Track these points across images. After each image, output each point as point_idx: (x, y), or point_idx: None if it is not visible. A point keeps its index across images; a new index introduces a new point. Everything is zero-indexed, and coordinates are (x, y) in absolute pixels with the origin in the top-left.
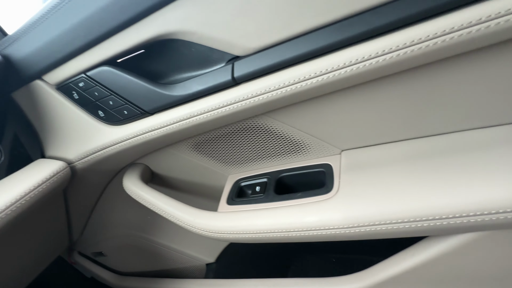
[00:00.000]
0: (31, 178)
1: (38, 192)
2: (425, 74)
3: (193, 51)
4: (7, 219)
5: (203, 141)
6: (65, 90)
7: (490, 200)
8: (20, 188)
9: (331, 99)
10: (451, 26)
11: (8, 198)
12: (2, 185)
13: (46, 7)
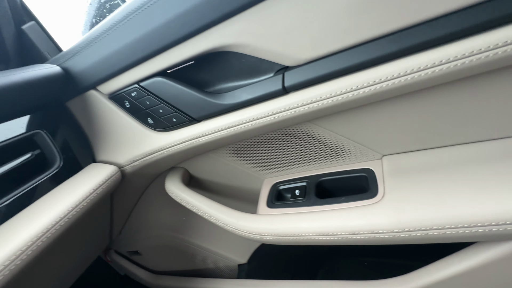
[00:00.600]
0: (90, 181)
1: (96, 195)
2: (471, 84)
3: (243, 62)
4: (71, 221)
5: (244, 146)
6: (118, 99)
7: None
8: (81, 191)
9: (376, 107)
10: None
11: (71, 201)
12: (63, 189)
13: (106, 24)
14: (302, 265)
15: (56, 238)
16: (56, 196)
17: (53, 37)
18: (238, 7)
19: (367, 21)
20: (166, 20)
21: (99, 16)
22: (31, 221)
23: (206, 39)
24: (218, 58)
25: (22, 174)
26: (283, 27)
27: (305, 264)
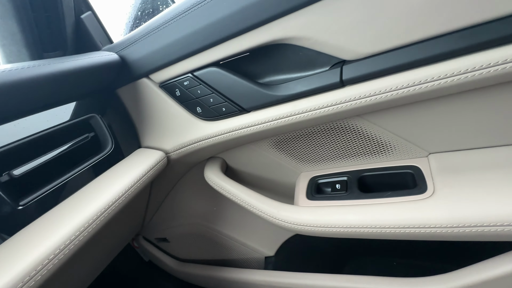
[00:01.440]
0: (140, 165)
1: (146, 178)
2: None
3: (300, 55)
4: (121, 206)
5: (285, 139)
6: (168, 88)
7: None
8: (133, 175)
9: (429, 104)
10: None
11: (124, 185)
12: (116, 172)
13: (167, 15)
14: (328, 261)
15: (104, 224)
16: (109, 179)
17: (105, 27)
18: (306, 1)
19: (435, 18)
20: (230, 12)
21: (144, 9)
22: (85, 204)
23: (267, 32)
24: (274, 50)
25: (79, 154)
26: (348, 22)
27: (332, 260)
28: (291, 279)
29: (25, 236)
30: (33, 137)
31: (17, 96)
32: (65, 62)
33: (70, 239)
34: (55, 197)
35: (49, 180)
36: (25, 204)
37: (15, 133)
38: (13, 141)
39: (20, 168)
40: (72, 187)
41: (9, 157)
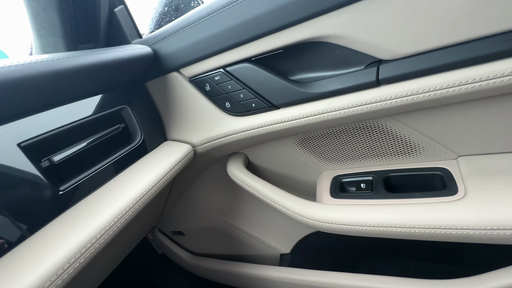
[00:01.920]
0: (169, 158)
1: (174, 171)
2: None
3: (336, 53)
4: (150, 198)
5: (310, 137)
6: (198, 83)
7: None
8: (163, 167)
9: (461, 106)
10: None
11: (153, 178)
12: (145, 164)
13: (203, 11)
14: (343, 261)
15: (136, 215)
16: (141, 170)
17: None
18: (345, 1)
19: (478, 19)
20: (270, 9)
21: (171, 5)
22: (120, 194)
23: (305, 30)
24: (308, 48)
25: (111, 144)
26: (390, 21)
27: (347, 260)
28: (308, 277)
29: (65, 222)
30: (71, 126)
31: (57, 85)
32: (104, 54)
33: (105, 229)
34: (91, 185)
35: (85, 168)
36: (65, 190)
37: (53, 122)
38: (52, 129)
39: (59, 154)
40: (106, 175)
41: (49, 144)
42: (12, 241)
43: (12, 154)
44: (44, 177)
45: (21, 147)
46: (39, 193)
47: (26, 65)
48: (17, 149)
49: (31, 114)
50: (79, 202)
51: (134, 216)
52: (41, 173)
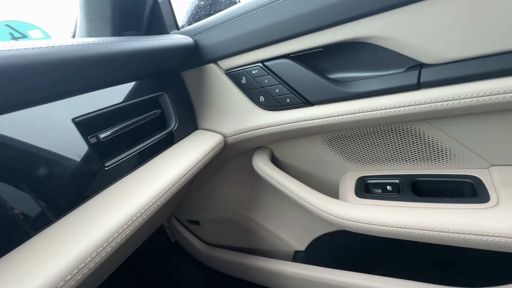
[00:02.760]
0: (201, 146)
1: (206, 160)
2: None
3: (377, 55)
4: (186, 180)
5: (339, 136)
6: (235, 75)
7: None
8: (195, 155)
9: (498, 115)
10: None
11: (185, 165)
12: (179, 150)
13: (247, 6)
14: (357, 263)
15: (168, 199)
16: (175, 156)
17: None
18: (397, 3)
19: None
20: (316, 7)
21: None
22: (156, 177)
23: (350, 30)
24: (349, 48)
25: (148, 128)
26: (438, 27)
27: (360, 262)
28: (323, 274)
29: (111, 196)
30: (115, 107)
31: (104, 68)
32: (150, 40)
33: (145, 208)
34: (131, 164)
35: (126, 148)
36: (109, 166)
37: (99, 102)
38: (99, 108)
39: (104, 132)
40: (143, 157)
41: (96, 122)
42: (61, 209)
43: (67, 128)
44: (92, 152)
45: (75, 122)
46: (88, 166)
47: (81, 45)
48: (71, 123)
49: (81, 93)
50: (121, 179)
51: (167, 200)
52: (89, 148)
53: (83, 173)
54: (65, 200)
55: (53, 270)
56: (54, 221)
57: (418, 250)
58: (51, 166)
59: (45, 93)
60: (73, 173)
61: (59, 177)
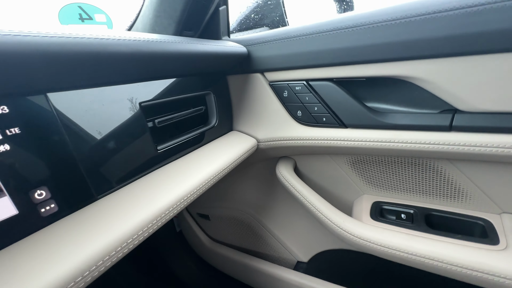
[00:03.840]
0: (239, 146)
1: (242, 159)
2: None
3: (415, 94)
4: (222, 176)
5: (363, 160)
6: (278, 88)
7: None
8: (231, 154)
9: None
10: None
11: (228, 158)
12: (217, 147)
13: (304, 29)
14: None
15: (201, 193)
16: (213, 152)
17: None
18: (444, 53)
19: None
20: (370, 43)
21: (258, 14)
22: (194, 171)
23: (395, 67)
24: (390, 83)
25: (193, 122)
26: (476, 80)
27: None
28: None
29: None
30: (171, 99)
31: (171, 63)
32: (214, 45)
33: (187, 195)
34: (177, 151)
35: (174, 136)
36: (161, 149)
37: (156, 92)
38: (159, 97)
39: (160, 119)
40: (188, 146)
41: (154, 109)
42: (116, 182)
43: (134, 109)
44: (149, 134)
45: (141, 106)
46: (144, 145)
47: (156, 42)
48: (138, 106)
49: (146, 81)
50: (169, 164)
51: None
52: (148, 130)
53: (141, 151)
54: (124, 171)
55: (121, 230)
56: (115, 188)
57: (419, 280)
58: (117, 139)
59: (122, 77)
60: (133, 149)
61: (121, 149)
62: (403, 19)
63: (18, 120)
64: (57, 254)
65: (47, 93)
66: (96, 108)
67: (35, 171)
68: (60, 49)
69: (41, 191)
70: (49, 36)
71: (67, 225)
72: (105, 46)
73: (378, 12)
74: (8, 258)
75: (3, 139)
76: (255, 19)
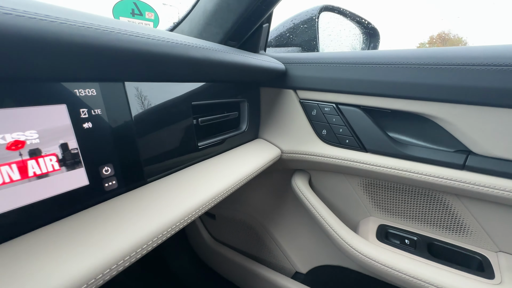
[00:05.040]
0: (265, 153)
1: (266, 166)
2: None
3: (435, 131)
4: (248, 180)
5: (376, 184)
6: (307, 105)
7: None
8: (261, 159)
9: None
10: None
11: (251, 167)
12: (249, 152)
13: (341, 58)
14: None
15: (230, 193)
16: (242, 156)
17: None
18: (467, 100)
19: None
20: (401, 81)
21: (291, 33)
22: (228, 172)
23: (421, 106)
24: (414, 118)
25: (226, 125)
26: (493, 128)
27: None
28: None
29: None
30: (212, 102)
31: (220, 70)
32: (258, 59)
33: (220, 194)
34: (212, 150)
35: (211, 135)
36: (201, 146)
37: (204, 93)
38: (202, 99)
39: (202, 118)
40: (221, 147)
41: (200, 108)
42: (162, 170)
43: (186, 107)
44: (193, 131)
45: (192, 105)
46: (189, 140)
47: (211, 50)
48: (190, 105)
49: (194, 82)
50: (206, 160)
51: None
52: (193, 127)
53: (185, 145)
54: (170, 161)
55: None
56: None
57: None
58: (169, 131)
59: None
60: (179, 142)
61: (170, 141)
62: (434, 65)
63: (101, 103)
64: (120, 227)
65: (124, 82)
66: (159, 101)
67: (105, 149)
68: (151, 49)
69: (108, 168)
70: (145, 37)
71: (125, 202)
72: (185, 49)
73: (411, 53)
74: (82, 224)
75: (88, 117)
76: (289, 37)
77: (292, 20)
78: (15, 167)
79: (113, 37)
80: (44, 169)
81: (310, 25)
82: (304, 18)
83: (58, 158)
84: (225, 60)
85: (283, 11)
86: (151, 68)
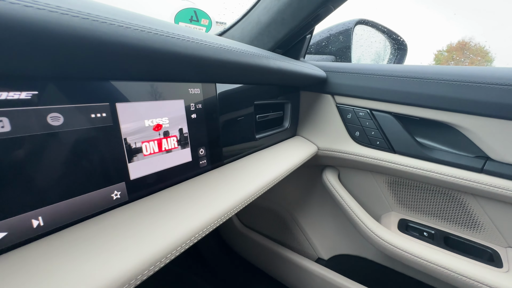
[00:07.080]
0: (304, 149)
1: (303, 161)
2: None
3: (458, 138)
4: (287, 174)
5: (399, 182)
6: (343, 109)
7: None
8: (301, 155)
9: None
10: None
11: (290, 163)
12: (290, 147)
13: (378, 70)
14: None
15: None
16: (287, 151)
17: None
18: (489, 113)
19: None
20: (432, 93)
21: (327, 42)
22: (277, 163)
23: (447, 116)
24: (439, 126)
25: (273, 122)
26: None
27: None
28: (345, 282)
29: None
30: (274, 101)
31: (270, 75)
32: (304, 67)
33: (269, 184)
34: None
35: (263, 130)
36: (258, 138)
37: (259, 95)
38: (259, 99)
39: (259, 115)
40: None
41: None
42: (233, 155)
43: (249, 106)
44: (253, 125)
45: (254, 104)
46: (250, 133)
47: (266, 58)
48: (253, 104)
49: (252, 84)
50: (261, 151)
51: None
52: (253, 122)
53: (248, 136)
54: (238, 148)
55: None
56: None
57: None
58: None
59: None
60: (244, 134)
61: (240, 132)
62: (462, 82)
63: (202, 99)
64: (216, 196)
65: (216, 83)
66: (234, 99)
67: (202, 135)
68: (237, 59)
69: (202, 149)
70: (236, 50)
71: (214, 177)
72: (251, 57)
73: (440, 70)
74: (185, 190)
75: (194, 110)
76: (324, 46)
77: (328, 30)
78: (156, 143)
79: (213, 50)
80: (171, 146)
81: (345, 36)
82: (341, 29)
83: (177, 139)
84: (281, 68)
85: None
86: (232, 72)
